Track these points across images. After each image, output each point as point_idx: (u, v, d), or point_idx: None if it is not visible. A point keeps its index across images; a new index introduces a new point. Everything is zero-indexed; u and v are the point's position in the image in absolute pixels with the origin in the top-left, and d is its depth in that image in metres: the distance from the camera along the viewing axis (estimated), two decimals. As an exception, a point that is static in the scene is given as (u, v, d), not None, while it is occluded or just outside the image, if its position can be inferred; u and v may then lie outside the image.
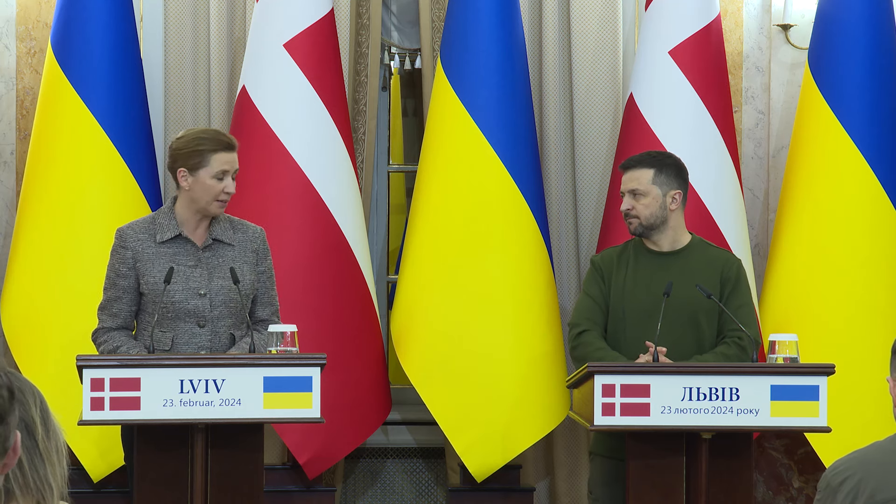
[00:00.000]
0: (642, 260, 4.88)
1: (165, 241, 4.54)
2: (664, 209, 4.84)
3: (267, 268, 4.67)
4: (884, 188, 5.57)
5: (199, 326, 4.54)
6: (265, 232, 4.72)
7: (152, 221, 4.59)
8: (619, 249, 4.97)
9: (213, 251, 4.58)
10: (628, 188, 4.88)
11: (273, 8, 5.51)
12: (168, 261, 4.52)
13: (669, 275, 4.77)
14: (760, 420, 4.43)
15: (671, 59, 5.58)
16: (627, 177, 4.89)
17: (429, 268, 5.57)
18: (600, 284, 4.90)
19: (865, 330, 5.50)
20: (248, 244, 4.63)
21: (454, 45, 5.59)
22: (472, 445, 5.56)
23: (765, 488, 6.04)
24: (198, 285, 4.52)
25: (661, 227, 4.86)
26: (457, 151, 5.57)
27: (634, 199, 4.85)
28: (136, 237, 4.56)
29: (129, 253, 4.54)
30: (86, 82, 5.49)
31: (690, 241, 4.90)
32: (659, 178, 4.85)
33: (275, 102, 5.49)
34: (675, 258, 4.86)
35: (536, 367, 5.54)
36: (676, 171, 4.89)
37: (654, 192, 4.84)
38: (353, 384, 5.55)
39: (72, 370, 4.33)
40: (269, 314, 4.67)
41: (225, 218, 4.63)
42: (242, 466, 4.41)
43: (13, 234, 5.59)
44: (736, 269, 4.86)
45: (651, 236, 4.87)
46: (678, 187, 4.87)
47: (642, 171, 4.87)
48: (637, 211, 4.84)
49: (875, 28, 5.61)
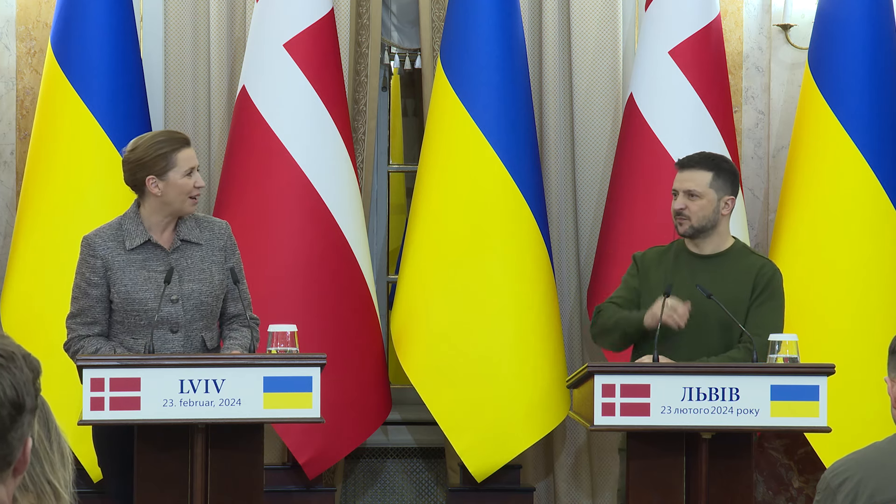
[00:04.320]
0: (682, 262, 4.83)
1: (135, 247, 4.48)
2: (716, 213, 4.78)
3: (235, 262, 4.58)
4: (884, 188, 5.57)
5: (172, 332, 4.47)
6: (230, 225, 4.63)
7: (118, 228, 4.50)
8: (663, 249, 4.92)
9: (181, 252, 4.51)
10: (684, 188, 4.79)
11: (273, 8, 5.51)
12: (139, 267, 4.46)
13: (707, 278, 4.74)
14: (760, 420, 4.43)
15: (671, 59, 5.58)
16: (685, 176, 4.82)
17: (429, 268, 5.57)
18: (635, 278, 4.88)
19: (865, 330, 5.50)
20: (216, 241, 4.55)
21: (454, 45, 5.59)
22: (472, 445, 5.56)
23: (765, 488, 6.04)
24: (169, 291, 4.45)
25: (710, 231, 4.80)
26: (457, 151, 5.57)
27: (689, 199, 4.78)
28: (104, 245, 4.47)
29: (98, 262, 4.46)
30: (86, 82, 5.49)
31: (732, 246, 4.85)
32: (716, 182, 4.79)
33: (275, 102, 5.49)
34: (714, 262, 4.81)
35: (536, 367, 5.54)
36: (732, 178, 4.84)
37: (710, 195, 4.78)
38: (353, 384, 5.55)
39: (71, 370, 4.33)
40: (241, 309, 4.58)
41: (191, 216, 4.54)
42: (242, 466, 4.41)
43: (13, 234, 5.59)
44: (769, 275, 4.80)
45: (696, 239, 4.83)
46: (732, 193, 4.82)
47: (701, 172, 4.80)
48: (690, 212, 4.77)
49: (875, 28, 5.61)
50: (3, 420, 1.66)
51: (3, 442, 1.66)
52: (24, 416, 1.68)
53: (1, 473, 1.68)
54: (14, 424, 1.67)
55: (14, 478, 1.70)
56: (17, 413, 1.67)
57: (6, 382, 1.66)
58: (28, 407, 1.69)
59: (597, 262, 5.76)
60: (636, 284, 4.86)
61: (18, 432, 1.68)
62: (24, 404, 1.68)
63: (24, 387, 1.68)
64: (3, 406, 1.65)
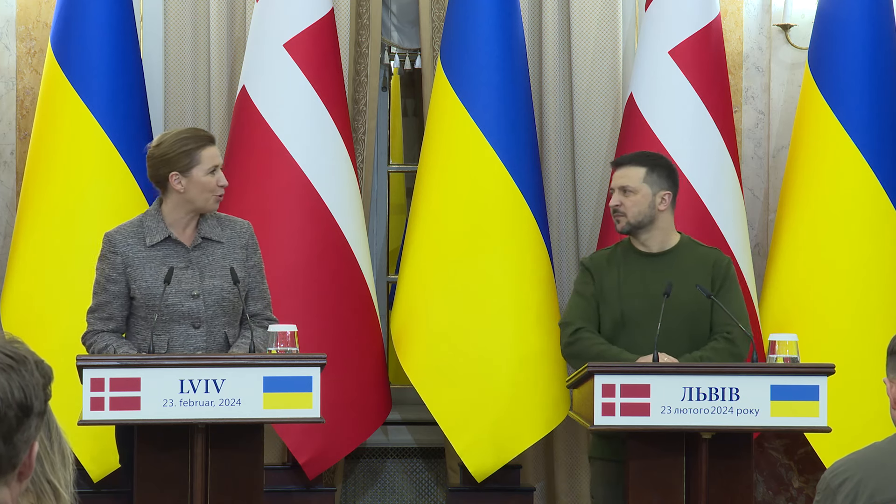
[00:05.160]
0: (632, 262, 4.86)
1: (155, 244, 4.53)
2: (653, 208, 4.82)
3: (256, 262, 4.64)
4: (884, 188, 5.57)
5: (194, 328, 4.52)
6: (252, 225, 4.69)
7: (140, 224, 4.56)
8: (609, 252, 4.95)
9: (203, 250, 4.56)
10: (618, 184, 4.86)
11: (273, 8, 5.51)
12: (159, 264, 4.51)
13: (662, 275, 4.76)
14: (760, 420, 4.43)
15: (671, 59, 5.58)
16: (618, 173, 4.88)
17: (429, 268, 5.57)
18: (591, 286, 4.89)
19: (865, 330, 5.50)
20: (237, 240, 4.60)
21: (454, 45, 5.59)
22: (472, 445, 5.56)
23: (765, 488, 6.04)
24: (190, 287, 4.50)
25: (649, 226, 4.83)
26: (457, 151, 5.57)
27: (624, 195, 4.83)
28: (125, 242, 4.53)
29: (118, 258, 4.52)
30: (86, 82, 5.49)
31: (679, 242, 4.88)
32: (650, 177, 4.83)
33: (275, 102, 5.49)
34: (665, 259, 4.84)
35: (536, 366, 5.53)
36: (668, 173, 4.88)
37: (644, 190, 4.82)
38: (353, 384, 5.55)
39: (72, 370, 4.33)
40: (261, 308, 4.65)
41: (212, 215, 4.60)
42: (242, 466, 4.41)
43: (13, 234, 5.59)
44: (725, 266, 4.84)
45: (638, 236, 4.85)
46: (668, 188, 4.85)
47: (633, 168, 4.85)
48: (625, 208, 4.82)
49: (875, 28, 5.61)
50: (9, 421, 1.66)
51: (9, 444, 1.66)
52: (31, 419, 1.69)
53: (6, 476, 1.68)
54: (20, 427, 1.67)
55: (19, 482, 1.71)
56: (24, 416, 1.67)
57: (14, 384, 1.67)
58: (36, 410, 1.69)
59: (597, 262, 5.76)
60: (593, 292, 4.87)
61: (25, 435, 1.68)
62: (31, 407, 1.68)
63: (32, 390, 1.69)
64: (10, 407, 1.66)
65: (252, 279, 4.64)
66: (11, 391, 1.66)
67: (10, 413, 1.65)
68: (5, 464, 1.67)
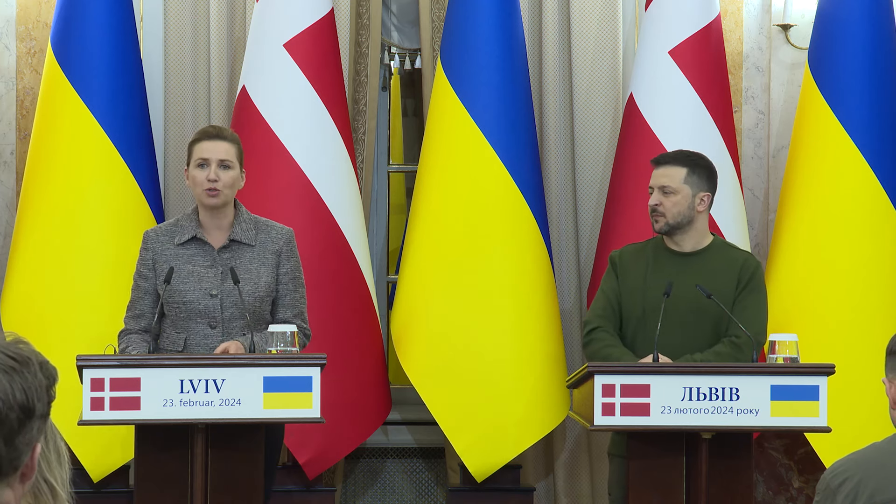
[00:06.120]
0: (662, 259, 4.83)
1: (183, 242, 4.57)
2: (692, 209, 4.79)
3: (290, 269, 4.63)
4: (884, 188, 5.57)
5: (211, 328, 4.54)
6: (293, 232, 4.69)
7: (175, 223, 4.65)
8: (639, 247, 4.92)
9: (231, 252, 4.59)
10: (659, 184, 4.81)
11: (273, 8, 5.51)
12: (185, 262, 4.55)
13: (688, 276, 4.74)
14: (760, 420, 4.43)
15: (671, 59, 5.58)
16: (659, 172, 4.83)
17: (429, 268, 5.57)
18: (614, 281, 4.87)
19: (865, 330, 5.50)
20: (270, 245, 4.61)
21: (454, 45, 5.59)
22: (472, 445, 5.56)
23: (765, 488, 6.04)
24: (210, 286, 4.53)
25: (686, 227, 4.80)
26: (457, 151, 5.57)
27: (664, 195, 4.79)
28: (157, 239, 4.61)
29: (149, 255, 4.60)
30: (86, 82, 5.49)
31: (711, 243, 4.85)
32: (691, 177, 4.80)
33: (275, 102, 5.49)
34: (696, 259, 4.81)
35: (536, 366, 5.54)
36: (708, 174, 4.85)
37: (685, 191, 4.79)
38: (353, 384, 5.55)
39: (72, 370, 4.33)
40: (289, 316, 4.63)
41: (250, 218, 4.63)
42: (242, 466, 4.41)
43: (13, 234, 5.59)
44: (752, 270, 4.81)
45: (674, 236, 4.82)
46: (708, 189, 4.82)
47: (675, 168, 4.81)
48: (665, 208, 4.78)
49: (875, 28, 5.61)
50: (10, 423, 1.65)
51: (11, 445, 1.66)
52: (33, 420, 1.68)
53: (8, 477, 1.67)
54: (22, 428, 1.67)
55: (22, 484, 1.70)
56: (27, 417, 1.67)
57: (17, 386, 1.66)
58: (38, 413, 1.69)
59: (597, 262, 5.75)
60: (615, 287, 4.85)
61: (27, 437, 1.68)
62: (33, 409, 1.68)
63: (35, 392, 1.68)
64: (12, 409, 1.65)
65: (283, 286, 4.62)
66: (13, 393, 1.65)
67: (12, 415, 1.65)
68: (6, 466, 1.66)
